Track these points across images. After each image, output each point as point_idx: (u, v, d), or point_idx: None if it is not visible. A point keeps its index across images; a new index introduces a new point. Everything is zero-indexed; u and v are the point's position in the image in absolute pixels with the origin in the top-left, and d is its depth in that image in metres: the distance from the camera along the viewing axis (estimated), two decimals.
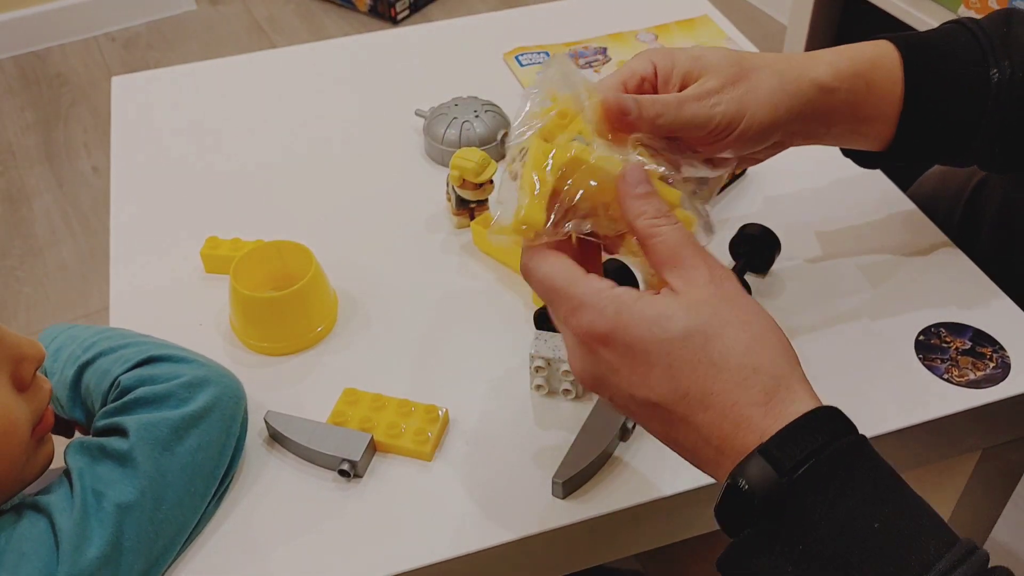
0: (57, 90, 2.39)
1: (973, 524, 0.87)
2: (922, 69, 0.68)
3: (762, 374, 0.48)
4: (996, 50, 0.68)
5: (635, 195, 0.53)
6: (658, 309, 0.49)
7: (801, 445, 0.46)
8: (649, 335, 0.49)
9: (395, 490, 0.65)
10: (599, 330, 0.50)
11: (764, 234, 0.79)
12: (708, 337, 0.49)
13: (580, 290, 0.51)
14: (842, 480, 0.46)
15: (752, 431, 0.47)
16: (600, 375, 0.52)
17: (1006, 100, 0.68)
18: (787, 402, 0.48)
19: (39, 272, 1.92)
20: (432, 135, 0.93)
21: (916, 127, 0.69)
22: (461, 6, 2.64)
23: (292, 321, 0.74)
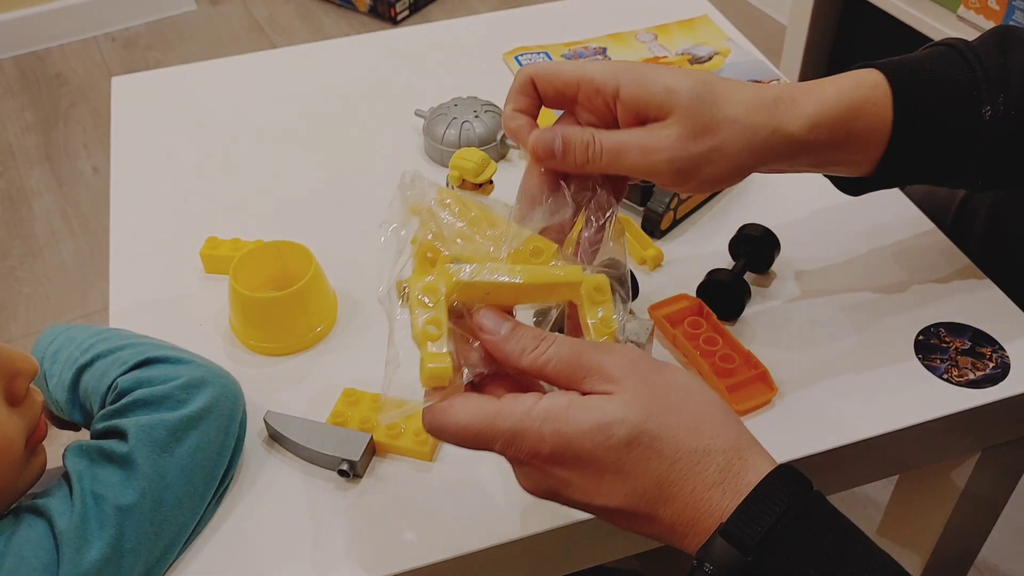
0: (57, 90, 2.39)
1: (972, 525, 0.87)
2: (913, 108, 0.64)
3: (712, 453, 0.48)
4: (991, 83, 0.64)
5: (501, 339, 0.51)
6: (596, 417, 0.48)
7: (760, 520, 0.46)
8: (594, 446, 0.48)
9: (395, 490, 0.65)
10: (543, 453, 0.49)
11: (764, 234, 0.79)
12: (653, 435, 0.48)
13: (507, 423, 0.49)
14: (806, 546, 0.46)
15: (712, 513, 0.48)
16: (553, 490, 0.51)
17: (995, 138, 0.65)
18: (741, 474, 0.48)
19: (39, 272, 1.92)
20: (432, 135, 0.93)
21: (901, 160, 0.66)
22: (461, 6, 2.64)
23: (292, 321, 0.74)
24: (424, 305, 0.51)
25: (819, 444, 0.67)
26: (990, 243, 0.85)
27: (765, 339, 0.74)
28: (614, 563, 0.70)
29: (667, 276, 0.80)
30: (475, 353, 0.52)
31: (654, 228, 0.83)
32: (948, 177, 0.68)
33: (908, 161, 0.66)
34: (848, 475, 0.73)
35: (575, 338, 0.52)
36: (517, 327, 0.52)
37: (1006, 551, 1.34)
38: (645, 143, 0.58)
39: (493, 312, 0.52)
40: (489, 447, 0.50)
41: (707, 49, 1.08)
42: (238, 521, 0.64)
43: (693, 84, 0.58)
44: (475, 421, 0.50)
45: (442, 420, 0.51)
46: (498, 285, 0.52)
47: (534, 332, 0.51)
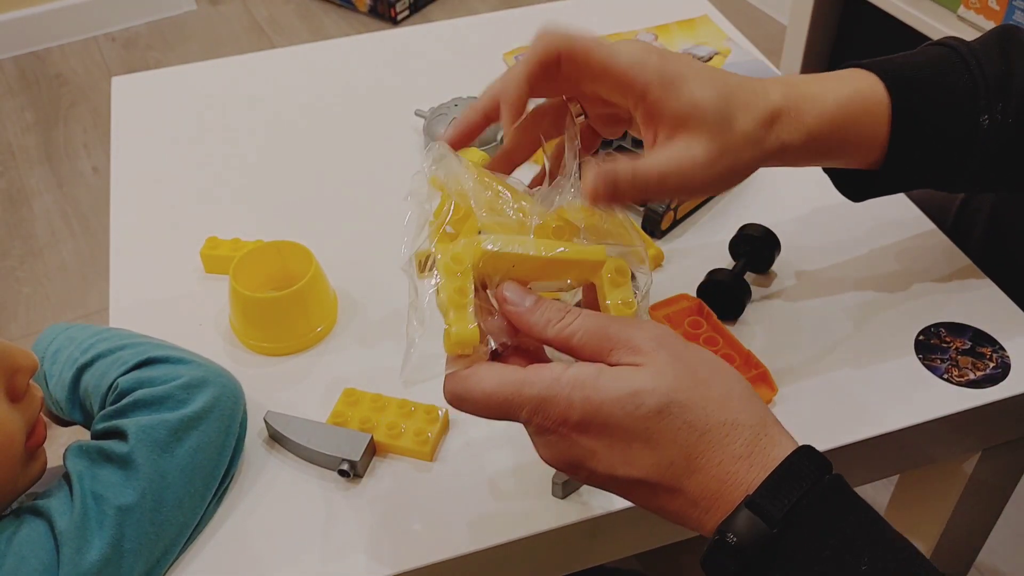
0: (57, 90, 2.39)
1: (973, 524, 0.87)
2: (910, 117, 0.64)
3: (740, 426, 0.48)
4: (991, 91, 0.64)
5: (526, 311, 0.51)
6: (627, 385, 0.48)
7: (788, 493, 0.47)
8: (623, 414, 0.48)
9: (395, 490, 0.65)
10: (572, 420, 0.48)
11: (764, 234, 0.79)
12: (683, 405, 0.48)
13: (534, 390, 0.48)
14: (828, 524, 0.47)
15: (738, 486, 0.48)
16: (576, 460, 0.50)
17: (993, 146, 0.65)
18: (767, 449, 0.48)
19: (39, 272, 1.92)
20: (432, 135, 0.93)
21: (900, 166, 0.66)
22: (461, 6, 2.64)
23: (292, 321, 0.74)
24: (451, 273, 0.51)
25: (819, 444, 0.66)
26: (990, 243, 0.85)
27: (765, 339, 0.74)
28: (614, 563, 0.70)
29: (667, 276, 0.80)
30: (497, 324, 0.52)
31: (654, 228, 0.83)
32: (946, 182, 0.68)
33: (905, 167, 0.66)
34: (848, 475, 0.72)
35: (601, 313, 0.52)
36: (540, 300, 0.52)
37: (1006, 552, 1.34)
38: (679, 168, 0.56)
39: (516, 285, 0.52)
40: (514, 415, 0.50)
41: (707, 49, 1.07)
42: (239, 521, 0.64)
43: (716, 100, 0.57)
44: (501, 388, 0.49)
45: (466, 387, 0.50)
46: (524, 257, 0.52)
47: (558, 305, 0.51)
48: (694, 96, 0.56)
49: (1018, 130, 0.65)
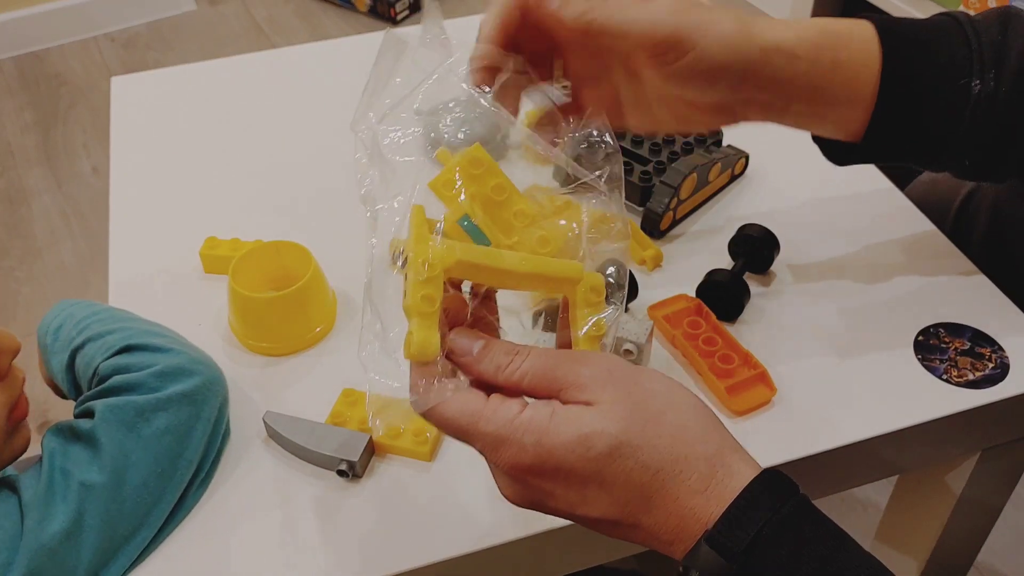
0: (56, 90, 2.39)
1: (972, 525, 0.87)
2: (901, 67, 0.64)
3: (695, 460, 0.48)
4: (985, 58, 0.64)
5: (474, 360, 0.51)
6: (577, 429, 0.48)
7: (745, 526, 0.46)
8: (575, 458, 0.48)
9: (394, 491, 0.65)
10: (524, 463, 0.48)
11: (763, 234, 0.79)
12: (634, 446, 0.48)
13: (490, 427, 0.49)
14: (790, 553, 0.46)
15: (697, 521, 0.47)
16: (535, 500, 0.51)
17: (983, 114, 0.64)
18: (724, 481, 0.48)
19: (38, 272, 1.92)
20: (432, 134, 0.93)
21: (889, 124, 0.65)
22: (461, 6, 2.64)
23: (291, 321, 0.74)
24: (420, 278, 0.50)
25: (818, 444, 0.67)
26: (990, 243, 0.85)
27: (764, 339, 0.74)
28: (614, 563, 0.70)
29: (666, 276, 0.80)
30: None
31: (653, 228, 0.83)
32: (931, 153, 0.67)
33: (892, 123, 0.65)
34: (847, 476, 0.73)
35: (550, 350, 0.51)
36: (489, 344, 0.51)
37: (1006, 552, 1.34)
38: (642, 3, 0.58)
39: (465, 333, 0.52)
40: (472, 444, 0.50)
41: None
42: (237, 521, 0.64)
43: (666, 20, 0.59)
44: (460, 417, 0.49)
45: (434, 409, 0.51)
46: (497, 269, 0.52)
47: (507, 347, 0.51)
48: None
49: (1008, 103, 0.64)
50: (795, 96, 0.63)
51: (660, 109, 0.64)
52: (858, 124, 0.65)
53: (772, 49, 0.61)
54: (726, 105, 0.63)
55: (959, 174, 0.70)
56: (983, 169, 0.69)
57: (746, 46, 0.60)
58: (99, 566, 0.60)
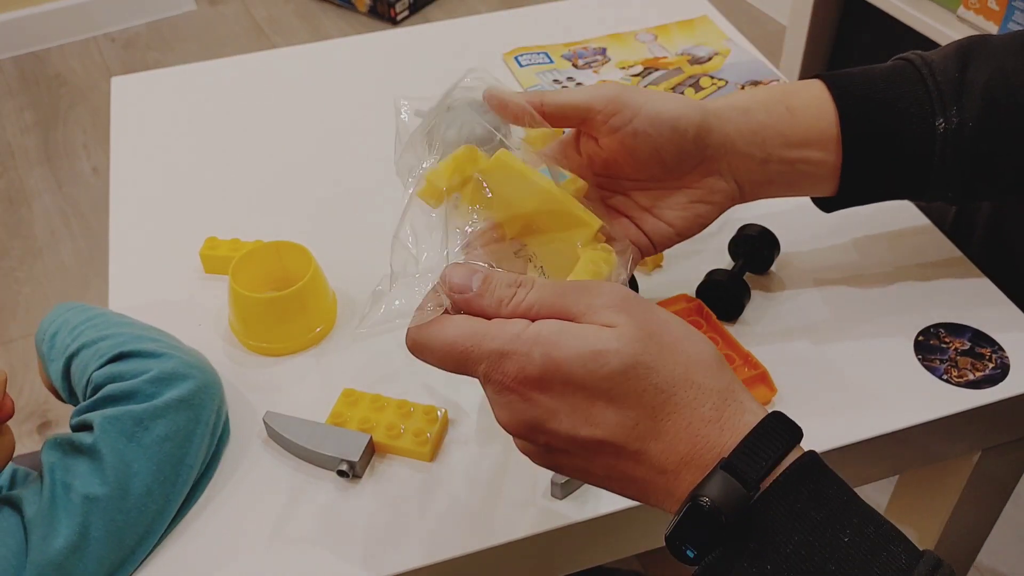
0: (56, 91, 2.39)
1: (972, 525, 0.87)
2: (860, 120, 0.65)
3: (708, 390, 0.47)
4: (945, 97, 0.65)
5: (475, 296, 0.49)
6: (590, 344, 0.46)
7: (763, 457, 0.45)
8: (585, 372, 0.46)
9: (394, 491, 0.65)
10: (531, 374, 0.47)
11: (763, 234, 0.79)
12: (648, 367, 0.46)
13: (495, 343, 0.47)
14: (809, 493, 0.45)
15: (710, 449, 0.46)
16: (535, 421, 0.48)
17: (954, 150, 0.65)
18: (738, 414, 0.47)
19: (38, 273, 1.92)
20: (432, 135, 0.93)
21: (862, 172, 0.67)
22: (461, 6, 2.64)
23: (291, 321, 0.74)
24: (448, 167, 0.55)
25: (818, 445, 0.66)
26: (990, 243, 0.85)
27: (765, 339, 0.74)
28: (614, 563, 0.70)
29: (667, 276, 0.80)
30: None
31: None
32: (914, 190, 0.69)
33: (863, 174, 0.67)
34: (847, 476, 0.72)
35: (556, 281, 0.50)
36: (489, 277, 0.50)
37: (1006, 552, 1.34)
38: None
39: (461, 266, 0.51)
40: (472, 369, 0.48)
41: (707, 49, 1.08)
42: (236, 521, 0.64)
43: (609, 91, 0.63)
44: (461, 339, 0.48)
45: (427, 335, 0.49)
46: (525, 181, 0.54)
47: (509, 279, 0.50)
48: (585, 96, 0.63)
49: (977, 135, 0.65)
50: (767, 144, 0.65)
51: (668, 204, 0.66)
52: (834, 173, 0.67)
53: (721, 109, 0.64)
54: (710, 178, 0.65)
55: (946, 202, 0.71)
56: (968, 196, 0.69)
57: (689, 109, 0.63)
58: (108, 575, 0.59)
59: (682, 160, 0.64)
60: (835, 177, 0.67)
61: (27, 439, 1.59)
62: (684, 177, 0.65)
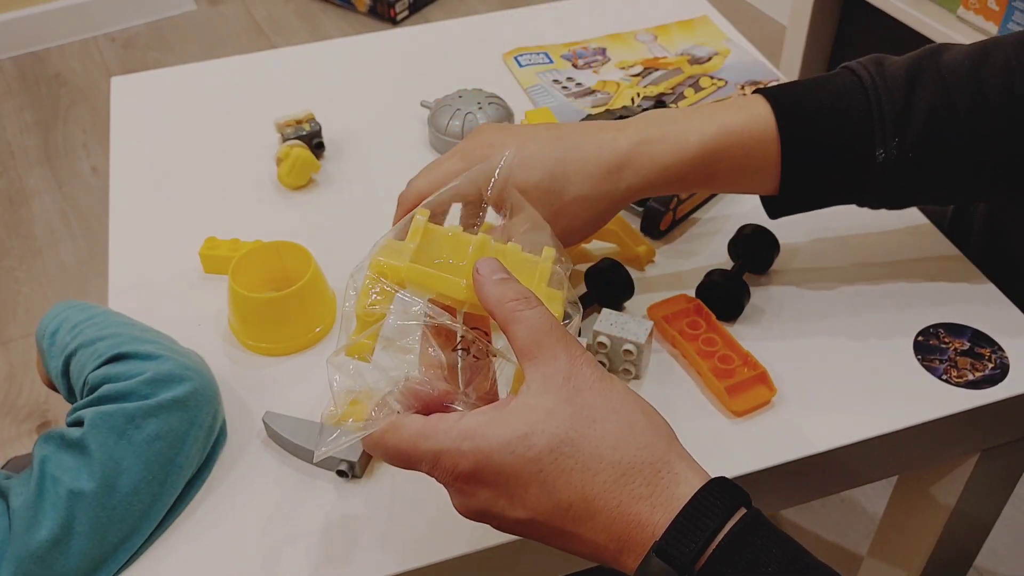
0: (56, 91, 2.39)
1: (971, 526, 0.87)
2: (800, 144, 0.67)
3: (639, 465, 0.47)
4: (887, 125, 0.66)
5: (492, 283, 0.51)
6: (515, 429, 0.47)
7: (695, 535, 0.45)
8: (513, 459, 0.47)
9: (394, 491, 0.65)
10: (464, 471, 0.48)
11: (763, 235, 0.79)
12: (574, 444, 0.47)
13: (429, 443, 0.49)
14: (745, 564, 0.45)
15: (644, 528, 0.46)
16: (481, 510, 0.50)
17: (892, 178, 0.67)
18: (671, 487, 0.47)
19: (38, 273, 1.92)
20: (436, 126, 0.93)
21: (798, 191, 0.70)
22: (461, 6, 2.64)
23: (291, 321, 0.74)
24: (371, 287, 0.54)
25: (818, 445, 0.67)
26: (989, 243, 0.85)
27: (764, 340, 0.74)
28: None
29: (666, 276, 0.80)
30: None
31: (653, 228, 0.83)
32: (851, 200, 0.71)
33: (803, 193, 0.70)
34: (847, 476, 0.73)
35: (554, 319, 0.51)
36: (508, 280, 0.51)
37: (1005, 553, 1.34)
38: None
39: (496, 261, 0.52)
40: (417, 468, 0.50)
41: (707, 49, 1.08)
42: (236, 521, 0.64)
43: (541, 177, 0.65)
44: (402, 443, 0.50)
45: (376, 443, 0.51)
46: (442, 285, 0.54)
47: (523, 291, 0.51)
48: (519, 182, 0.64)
49: (917, 162, 0.66)
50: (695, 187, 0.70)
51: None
52: (771, 189, 0.70)
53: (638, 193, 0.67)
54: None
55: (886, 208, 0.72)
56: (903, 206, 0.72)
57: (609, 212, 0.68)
58: (90, 571, 0.59)
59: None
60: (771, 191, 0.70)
61: (26, 439, 1.59)
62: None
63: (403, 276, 0.54)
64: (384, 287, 0.54)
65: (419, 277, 0.54)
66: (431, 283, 0.54)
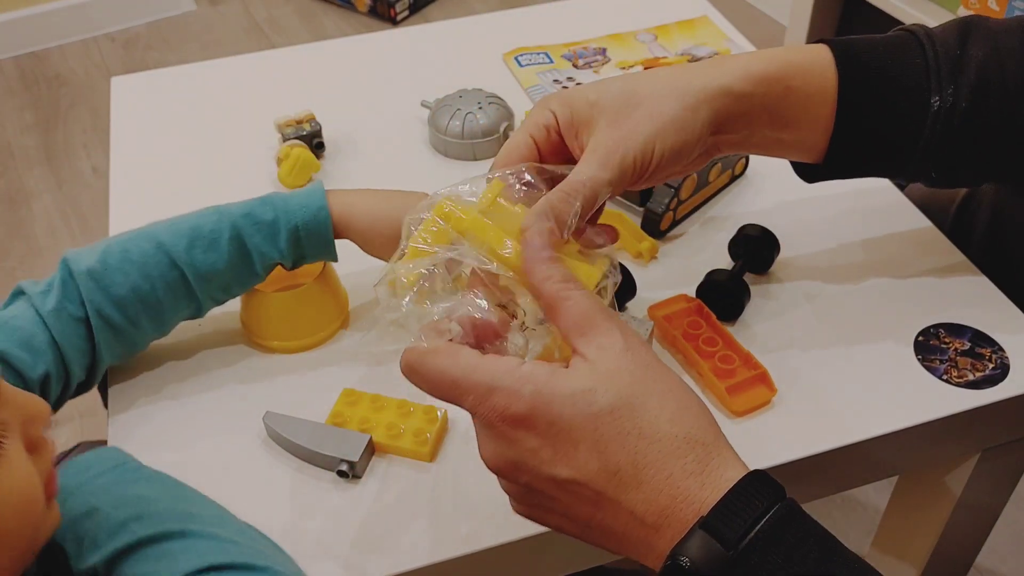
0: (56, 91, 2.39)
1: (972, 525, 0.87)
2: (858, 89, 0.65)
3: (693, 442, 0.46)
4: (943, 74, 0.65)
5: (541, 259, 0.50)
6: (578, 383, 0.46)
7: (743, 515, 0.44)
8: (573, 411, 0.46)
9: (394, 491, 0.65)
10: (517, 412, 0.46)
11: (763, 235, 0.79)
12: (634, 409, 0.46)
13: (486, 376, 0.47)
14: (788, 547, 0.44)
15: (690, 503, 0.45)
16: (517, 460, 0.48)
17: (944, 129, 0.66)
18: (720, 469, 0.46)
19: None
20: (436, 126, 0.93)
21: (849, 144, 0.67)
22: (461, 6, 2.64)
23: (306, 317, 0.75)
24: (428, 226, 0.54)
25: (819, 445, 0.67)
26: (990, 243, 0.85)
27: (765, 340, 0.74)
28: (614, 563, 0.69)
29: (666, 276, 0.80)
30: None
31: (653, 228, 0.83)
32: (897, 166, 0.69)
33: (854, 146, 0.67)
34: (847, 476, 0.73)
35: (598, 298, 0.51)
36: (555, 258, 0.51)
37: (1006, 553, 1.34)
38: (597, 157, 0.58)
39: (543, 235, 0.51)
40: (460, 400, 0.48)
41: (707, 49, 1.07)
42: None
43: (615, 90, 0.60)
44: (452, 368, 0.48)
45: (421, 360, 0.49)
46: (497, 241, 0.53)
47: (567, 272, 0.50)
48: (589, 97, 0.60)
49: (967, 115, 0.65)
50: (754, 126, 0.65)
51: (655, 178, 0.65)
52: (820, 145, 0.67)
53: (723, 94, 0.62)
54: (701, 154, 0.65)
55: (929, 184, 0.71)
56: (950, 179, 0.70)
57: (693, 116, 0.61)
58: None
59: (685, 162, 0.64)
60: (818, 151, 0.68)
61: None
62: None
63: (466, 226, 0.54)
64: (442, 227, 0.54)
65: (479, 229, 0.54)
66: (488, 236, 0.54)
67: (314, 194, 0.71)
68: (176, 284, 0.69)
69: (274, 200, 0.71)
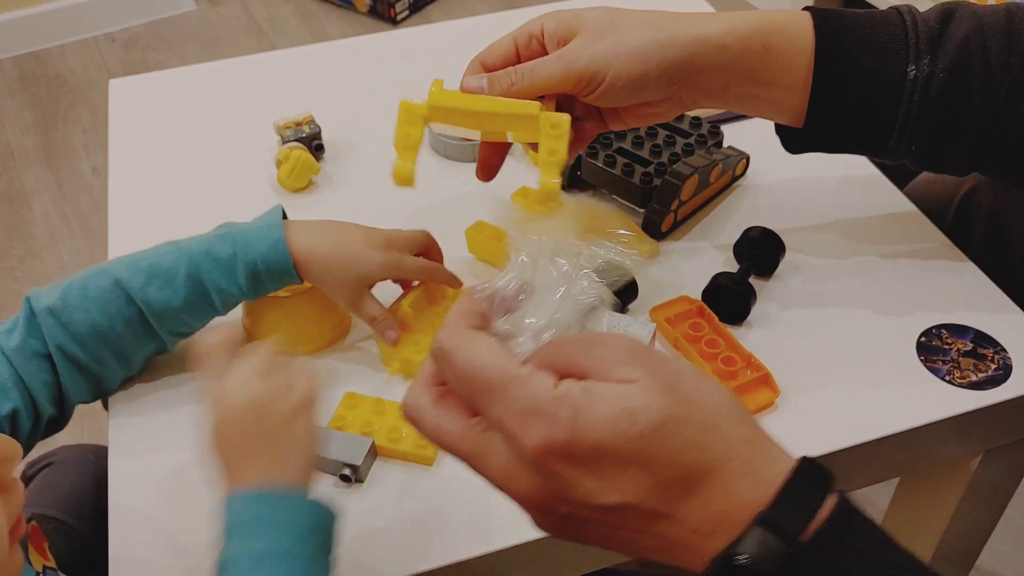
0: (56, 91, 2.39)
1: (974, 526, 0.87)
2: (836, 52, 0.67)
3: (737, 440, 0.44)
4: (921, 45, 0.66)
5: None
6: (619, 405, 0.42)
7: (801, 508, 0.42)
8: (616, 435, 0.42)
9: (397, 495, 0.65)
10: (557, 441, 0.42)
11: (768, 237, 0.79)
12: (679, 421, 0.43)
13: (521, 392, 0.43)
14: (845, 544, 0.43)
15: (744, 506, 0.43)
16: (557, 494, 0.44)
17: (921, 98, 0.66)
18: (767, 465, 0.44)
19: (38, 273, 1.91)
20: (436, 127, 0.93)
21: (827, 110, 0.68)
22: (461, 6, 2.64)
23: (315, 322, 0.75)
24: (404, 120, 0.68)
25: (822, 446, 0.67)
26: (990, 243, 0.85)
27: (767, 341, 0.74)
28: (619, 566, 0.69)
29: (668, 278, 0.80)
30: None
31: (655, 230, 0.83)
32: (877, 137, 0.69)
33: (832, 109, 0.68)
34: (850, 477, 0.73)
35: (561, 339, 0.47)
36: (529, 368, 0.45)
37: (1007, 553, 1.34)
38: (558, 54, 0.66)
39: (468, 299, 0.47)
40: (487, 407, 0.44)
41: None
42: None
43: (601, 13, 0.67)
44: (491, 369, 0.44)
45: (457, 346, 0.45)
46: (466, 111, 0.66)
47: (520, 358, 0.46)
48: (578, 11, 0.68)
49: (946, 86, 0.66)
50: (731, 80, 0.68)
51: (627, 115, 0.72)
52: (797, 107, 0.69)
53: (696, 44, 0.66)
54: (671, 98, 0.69)
55: (912, 163, 0.71)
56: (932, 156, 0.70)
57: (661, 51, 0.66)
58: None
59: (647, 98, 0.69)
60: (797, 113, 0.70)
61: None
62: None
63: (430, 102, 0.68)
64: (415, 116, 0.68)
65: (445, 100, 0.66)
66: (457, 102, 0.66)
67: (272, 227, 0.71)
68: (134, 321, 0.69)
69: (233, 235, 0.71)
